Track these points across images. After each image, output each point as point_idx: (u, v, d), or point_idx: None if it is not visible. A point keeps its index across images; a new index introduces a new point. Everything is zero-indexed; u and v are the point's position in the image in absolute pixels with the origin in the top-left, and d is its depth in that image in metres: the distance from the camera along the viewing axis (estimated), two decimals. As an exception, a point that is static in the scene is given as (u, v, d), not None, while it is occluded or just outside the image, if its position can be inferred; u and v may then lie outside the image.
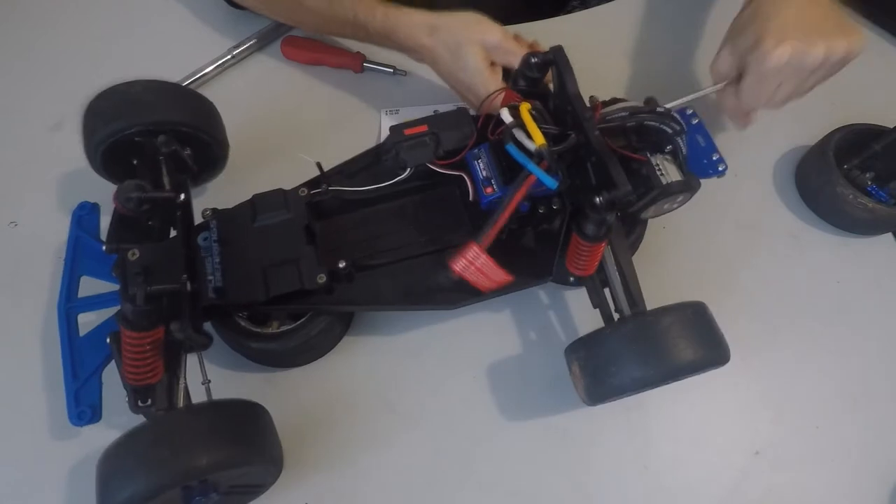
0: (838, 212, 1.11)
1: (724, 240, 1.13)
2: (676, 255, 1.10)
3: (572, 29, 1.36)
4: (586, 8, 1.46)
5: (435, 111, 1.17)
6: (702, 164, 0.97)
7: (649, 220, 1.04)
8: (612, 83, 1.20)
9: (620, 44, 1.34)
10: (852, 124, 1.14)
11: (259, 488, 0.88)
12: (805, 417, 1.01)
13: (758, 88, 1.01)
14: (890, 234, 1.14)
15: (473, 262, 0.84)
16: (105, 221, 0.90)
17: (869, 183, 1.09)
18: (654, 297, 0.91)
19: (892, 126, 1.11)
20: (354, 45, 1.26)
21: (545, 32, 1.14)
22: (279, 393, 0.99)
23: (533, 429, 0.99)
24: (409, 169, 0.94)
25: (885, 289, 1.10)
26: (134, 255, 0.84)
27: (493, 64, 1.07)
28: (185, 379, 0.86)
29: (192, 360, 0.89)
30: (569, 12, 1.42)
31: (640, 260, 0.99)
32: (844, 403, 1.02)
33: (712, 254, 1.12)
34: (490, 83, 1.04)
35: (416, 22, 1.08)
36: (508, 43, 1.06)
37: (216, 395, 0.87)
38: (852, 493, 0.97)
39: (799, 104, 1.05)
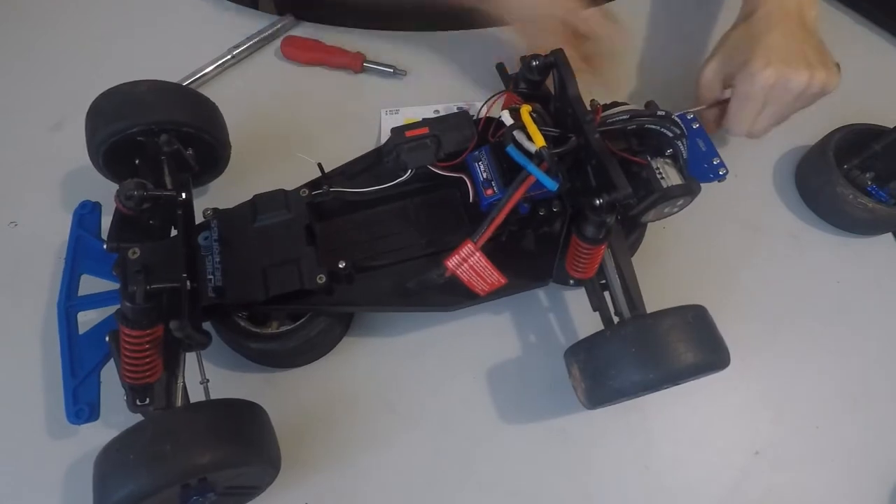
0: (838, 212, 1.11)
1: (725, 240, 1.13)
2: (676, 255, 1.10)
3: (572, 29, 1.36)
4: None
5: (435, 111, 1.18)
6: (702, 168, 0.97)
7: (649, 222, 1.04)
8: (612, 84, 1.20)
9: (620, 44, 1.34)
10: (852, 124, 1.14)
11: (255, 489, 0.88)
12: (805, 417, 1.00)
13: (743, 108, 1.05)
14: (890, 234, 1.14)
15: (467, 260, 0.84)
16: (106, 221, 0.90)
17: (869, 183, 1.09)
18: (654, 296, 0.91)
19: (892, 126, 1.11)
20: (353, 45, 1.27)
21: (545, 32, 1.14)
22: (279, 393, 0.99)
23: (533, 429, 0.99)
24: (409, 171, 0.94)
25: (885, 289, 1.10)
26: (135, 253, 0.84)
27: None
28: (184, 378, 0.86)
29: (191, 359, 0.90)
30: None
31: (640, 260, 0.99)
32: (844, 403, 1.02)
33: (712, 254, 1.11)
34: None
35: None
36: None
37: (215, 395, 0.87)
38: (852, 493, 0.97)
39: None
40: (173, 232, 0.92)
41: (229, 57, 1.27)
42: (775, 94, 1.02)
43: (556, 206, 0.91)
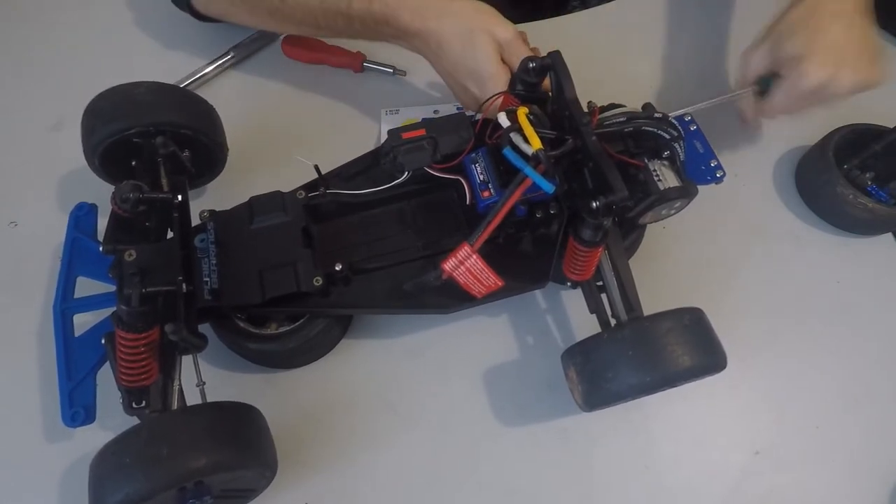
0: (838, 212, 1.11)
1: (724, 240, 1.13)
2: (676, 255, 1.10)
3: (572, 29, 1.37)
4: (586, 8, 1.46)
5: (435, 111, 1.18)
6: (700, 170, 0.97)
7: (648, 222, 1.04)
8: (611, 83, 1.20)
9: (620, 44, 1.34)
10: (852, 124, 1.14)
11: (252, 492, 0.88)
12: (805, 417, 1.00)
13: (787, 102, 1.04)
14: (890, 234, 1.14)
15: (463, 262, 0.84)
16: (103, 222, 0.90)
17: (869, 183, 1.09)
18: (654, 296, 0.92)
19: (892, 126, 1.11)
20: (353, 45, 1.27)
21: (545, 32, 1.15)
22: (278, 394, 0.99)
23: (533, 429, 0.99)
24: (406, 172, 0.94)
25: (885, 289, 1.10)
26: (131, 255, 0.84)
27: (501, 60, 1.03)
28: (180, 380, 0.86)
29: (187, 361, 0.90)
30: (569, 12, 1.42)
31: (640, 260, 0.99)
32: (845, 403, 1.02)
33: (712, 254, 1.11)
34: (500, 76, 1.00)
35: (423, 4, 1.03)
36: (519, 43, 1.02)
37: (215, 396, 0.87)
38: (852, 493, 0.97)
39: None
40: (170, 234, 0.92)
41: (229, 57, 1.27)
42: (822, 93, 1.01)
43: (553, 208, 0.91)
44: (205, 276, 0.91)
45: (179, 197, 0.93)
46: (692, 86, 1.13)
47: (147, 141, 0.96)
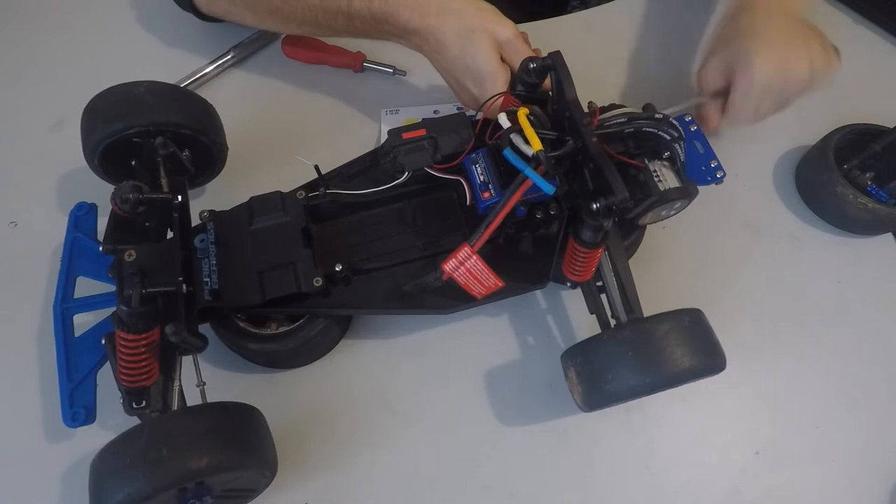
0: (838, 212, 1.11)
1: (725, 240, 1.13)
2: (676, 255, 1.10)
3: (573, 29, 1.36)
4: (586, 8, 1.46)
5: (435, 111, 1.18)
6: (700, 171, 0.97)
7: (648, 222, 1.04)
8: (612, 84, 1.20)
9: (620, 44, 1.34)
10: (852, 124, 1.14)
11: (252, 492, 0.88)
12: (805, 417, 1.00)
13: (746, 102, 1.03)
14: (890, 234, 1.14)
15: (464, 263, 0.84)
16: (103, 222, 0.90)
17: (869, 183, 1.09)
18: (654, 296, 0.92)
19: (892, 126, 1.11)
20: (353, 45, 1.27)
21: (545, 32, 1.14)
22: (278, 393, 0.99)
23: (533, 429, 0.99)
24: (406, 173, 0.94)
25: (885, 289, 1.10)
26: (130, 255, 0.84)
27: (501, 59, 1.03)
28: (181, 380, 0.86)
29: (188, 362, 0.90)
30: (569, 12, 1.41)
31: (639, 260, 0.98)
32: (844, 403, 1.02)
33: (712, 254, 1.11)
34: (499, 75, 1.00)
35: (423, 1, 1.03)
36: (520, 42, 1.03)
37: (214, 397, 0.87)
38: (852, 493, 0.97)
39: (799, 104, 1.05)
40: (170, 234, 0.92)
41: (230, 56, 1.27)
42: (777, 85, 1.01)
43: (554, 208, 0.91)
44: (205, 276, 0.91)
45: (179, 197, 0.93)
46: (693, 86, 1.13)
47: (147, 141, 0.96)
